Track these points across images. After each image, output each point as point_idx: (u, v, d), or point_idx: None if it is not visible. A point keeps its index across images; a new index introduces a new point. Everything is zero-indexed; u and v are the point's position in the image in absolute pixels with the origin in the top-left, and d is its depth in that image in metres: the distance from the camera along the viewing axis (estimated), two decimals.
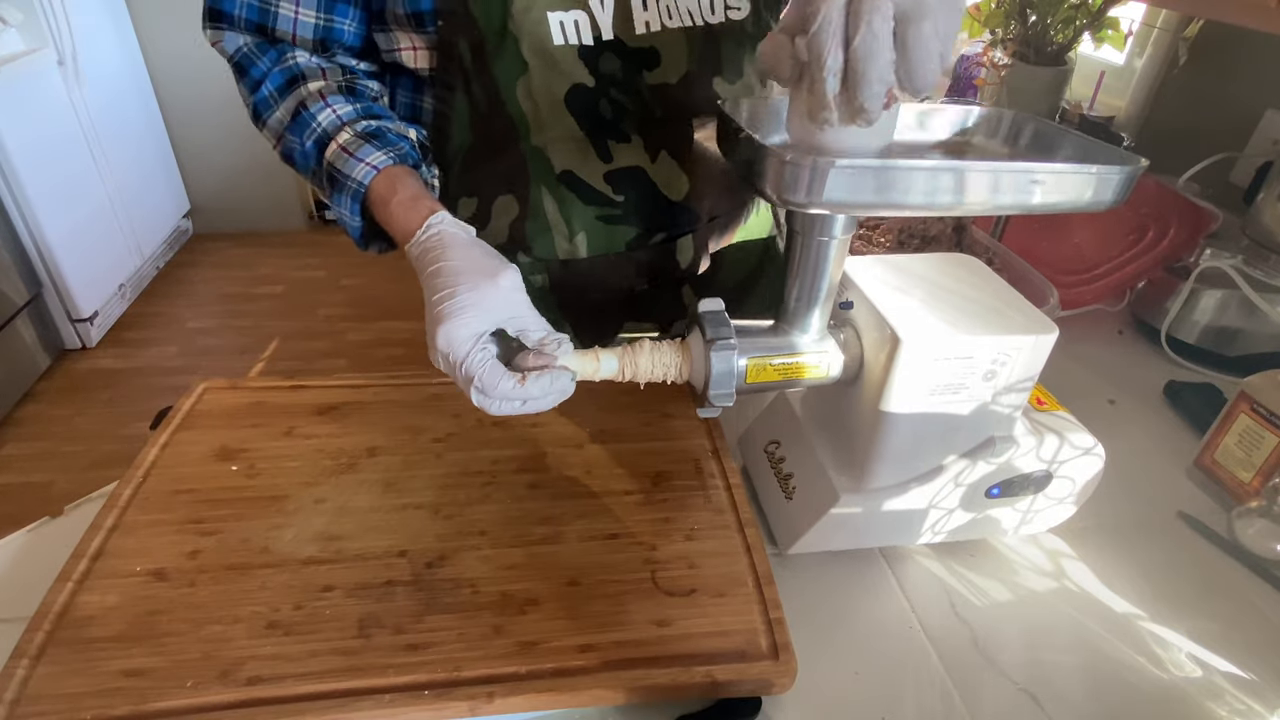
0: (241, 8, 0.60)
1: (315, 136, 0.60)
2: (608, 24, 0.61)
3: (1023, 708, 0.50)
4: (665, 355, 0.52)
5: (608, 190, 0.68)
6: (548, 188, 0.67)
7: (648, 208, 0.69)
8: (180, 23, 2.64)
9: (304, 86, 0.61)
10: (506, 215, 0.68)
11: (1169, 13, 1.25)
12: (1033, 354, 0.51)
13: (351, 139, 0.59)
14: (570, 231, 0.69)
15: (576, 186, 0.67)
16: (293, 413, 0.68)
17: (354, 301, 2.66)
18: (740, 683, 0.48)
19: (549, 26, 0.60)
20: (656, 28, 0.63)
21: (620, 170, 0.67)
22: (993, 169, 0.44)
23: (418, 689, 0.46)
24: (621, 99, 0.64)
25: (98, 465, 1.92)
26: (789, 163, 0.42)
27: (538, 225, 0.68)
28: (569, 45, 0.61)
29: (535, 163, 0.66)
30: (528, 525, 0.58)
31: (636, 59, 0.63)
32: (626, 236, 0.70)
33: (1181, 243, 0.93)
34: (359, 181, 0.57)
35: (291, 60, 0.62)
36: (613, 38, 0.62)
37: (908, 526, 0.58)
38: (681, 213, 0.71)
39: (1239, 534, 0.62)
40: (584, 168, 0.66)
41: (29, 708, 0.44)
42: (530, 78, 0.61)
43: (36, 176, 2.08)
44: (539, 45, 0.60)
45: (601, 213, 0.68)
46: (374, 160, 0.58)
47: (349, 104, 0.61)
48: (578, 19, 0.60)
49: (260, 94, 0.62)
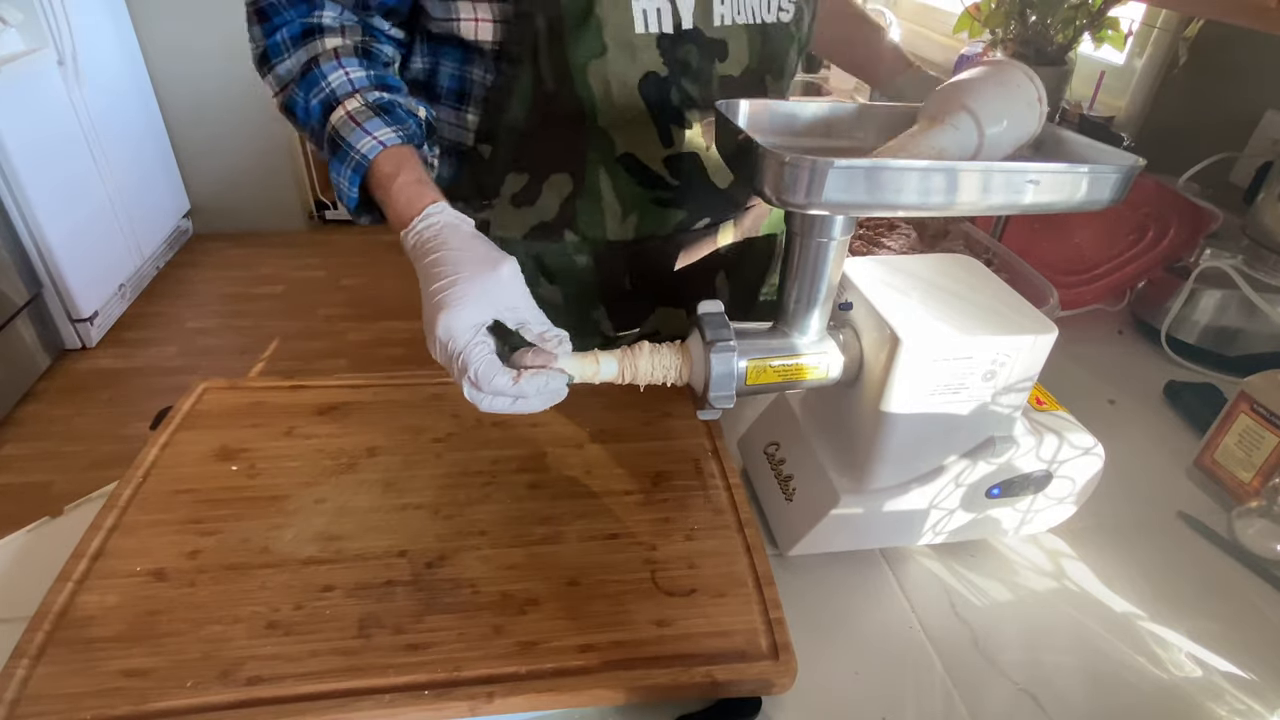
0: None
1: (322, 96, 0.59)
2: (689, 14, 0.63)
3: (1023, 708, 0.50)
4: (665, 357, 0.52)
5: (665, 174, 0.69)
6: (606, 168, 0.68)
7: (699, 193, 0.72)
8: (180, 23, 2.63)
9: (320, 41, 0.60)
10: (559, 193, 0.69)
11: (1169, 13, 1.25)
12: (1032, 354, 0.51)
13: (361, 108, 0.58)
14: (623, 212, 0.70)
15: (635, 169, 0.68)
16: (293, 413, 0.68)
17: (354, 301, 2.66)
18: (740, 683, 0.48)
19: (633, 14, 0.60)
20: (729, 21, 0.65)
21: (679, 155, 0.69)
22: (992, 169, 0.44)
23: (418, 689, 0.46)
24: (691, 89, 0.66)
25: (98, 465, 1.92)
26: (788, 164, 0.42)
27: (590, 204, 0.69)
28: (649, 33, 0.62)
29: (597, 143, 0.67)
30: (528, 525, 0.58)
31: (712, 50, 0.65)
32: (675, 220, 0.72)
33: (1181, 243, 0.93)
34: (363, 154, 0.56)
35: (317, 16, 0.61)
36: (692, 27, 0.63)
37: (908, 527, 0.58)
38: (727, 200, 0.74)
39: (1239, 534, 0.62)
40: (645, 151, 0.68)
41: (29, 708, 0.44)
42: (606, 62, 0.62)
43: (36, 176, 2.07)
44: (620, 31, 0.61)
45: (656, 196, 0.70)
46: (381, 135, 0.57)
47: (362, 69, 0.60)
48: (660, 7, 0.61)
49: (274, 39, 0.61)
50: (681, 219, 0.73)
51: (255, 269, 2.84)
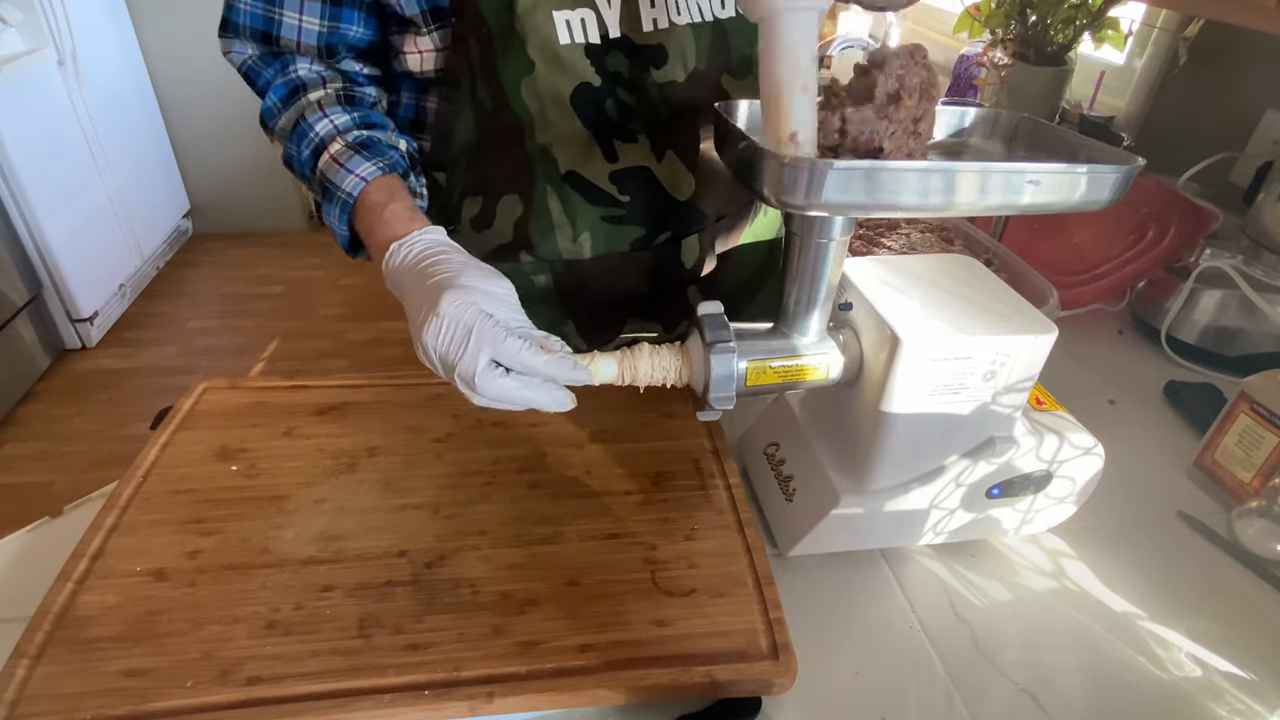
0: (247, 17, 0.60)
1: (312, 146, 0.61)
2: (615, 22, 0.61)
3: (1023, 708, 0.50)
4: (664, 359, 0.51)
5: (613, 190, 0.67)
6: (552, 187, 0.66)
7: (653, 208, 0.69)
8: (180, 23, 2.64)
9: (305, 97, 0.62)
10: (511, 214, 0.68)
11: (1169, 13, 1.25)
12: (1032, 354, 0.51)
13: (342, 149, 0.59)
14: (574, 232, 0.68)
15: (581, 186, 0.67)
16: (293, 413, 0.68)
17: (354, 301, 2.66)
18: (740, 683, 0.48)
19: (555, 26, 0.59)
20: (664, 25, 0.63)
21: (626, 170, 0.67)
22: (991, 170, 0.44)
23: (418, 689, 0.46)
24: (628, 98, 0.64)
25: (98, 465, 1.92)
26: (788, 165, 0.42)
27: (542, 224, 0.68)
28: (575, 44, 0.60)
29: (540, 162, 0.66)
30: (528, 525, 0.58)
31: (644, 57, 0.63)
32: (631, 237, 0.70)
33: (1181, 243, 0.93)
34: (348, 192, 0.58)
35: (294, 72, 0.63)
36: (620, 35, 0.61)
37: (909, 527, 0.58)
38: (688, 212, 0.71)
39: (1239, 534, 0.62)
40: (589, 168, 0.66)
41: (29, 708, 0.44)
42: (536, 77, 0.61)
43: (36, 176, 2.07)
44: (545, 44, 0.60)
45: (606, 213, 0.68)
46: (363, 171, 0.58)
47: (346, 114, 0.61)
48: (584, 17, 0.60)
49: (265, 104, 0.63)
50: (638, 235, 0.70)
51: (255, 269, 2.84)
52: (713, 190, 0.71)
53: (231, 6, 0.61)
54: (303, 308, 2.61)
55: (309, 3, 0.60)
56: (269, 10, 0.60)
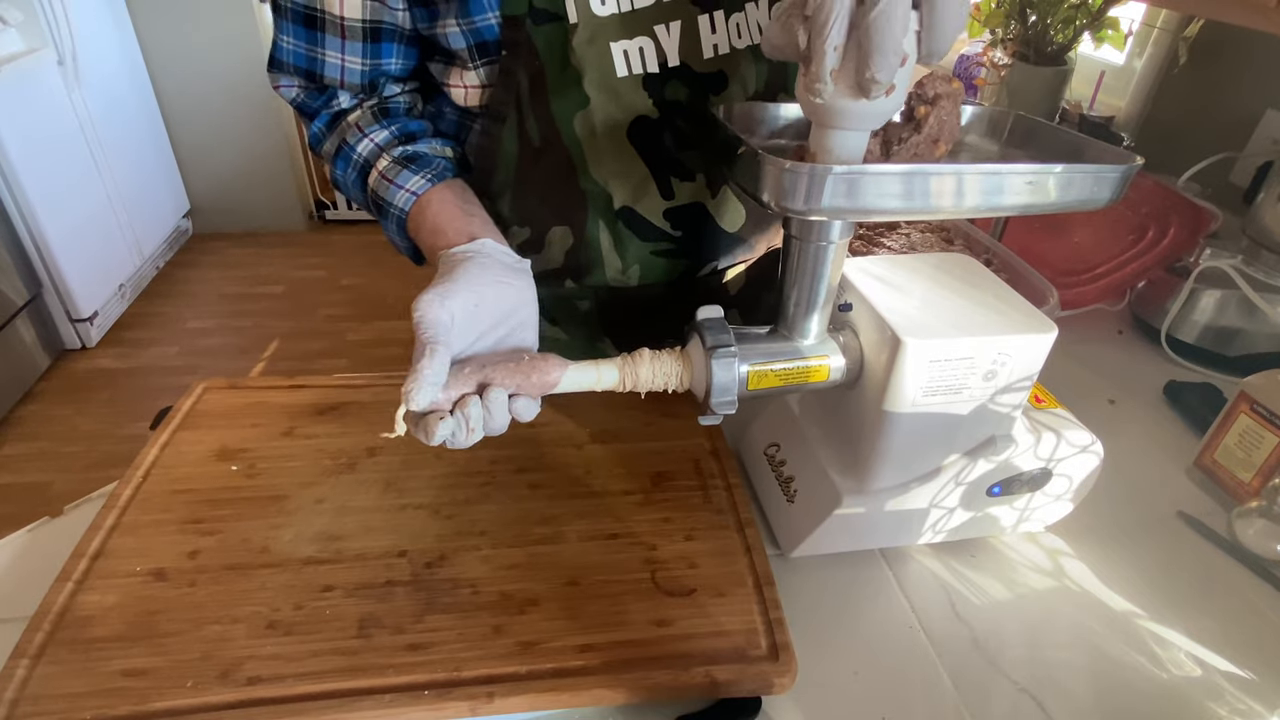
0: (290, 56, 0.60)
1: (358, 168, 0.61)
2: (674, 50, 0.59)
3: (1023, 707, 0.50)
4: (666, 364, 0.51)
5: (666, 226, 0.66)
6: (605, 223, 0.65)
7: (704, 242, 0.69)
8: (180, 23, 2.63)
9: (345, 120, 0.62)
10: (562, 245, 0.67)
11: (1169, 13, 1.25)
12: (1032, 354, 0.51)
13: (390, 165, 0.59)
14: (624, 265, 0.68)
15: (635, 223, 0.66)
16: (293, 413, 0.68)
17: (354, 301, 2.66)
18: (740, 682, 0.48)
19: (613, 58, 0.58)
20: (725, 50, 0.61)
21: (681, 207, 0.66)
22: (990, 171, 0.44)
23: (418, 689, 0.46)
24: (686, 128, 0.62)
25: (98, 465, 1.92)
26: (787, 170, 0.41)
27: (591, 256, 0.67)
28: (634, 75, 0.59)
29: (594, 197, 0.64)
30: (528, 525, 0.58)
31: (703, 84, 0.61)
32: (679, 269, 0.70)
33: (1181, 243, 0.93)
34: (400, 209, 0.58)
35: (336, 105, 0.63)
36: (679, 64, 0.60)
37: (909, 526, 0.58)
38: (736, 244, 0.70)
39: (1239, 534, 0.62)
40: (644, 204, 0.65)
41: (29, 708, 0.45)
42: (591, 111, 0.59)
43: (36, 176, 2.07)
44: (602, 78, 0.58)
45: (657, 248, 0.67)
46: (413, 186, 0.58)
47: (384, 129, 0.61)
48: (643, 46, 0.58)
49: (313, 130, 0.64)
50: (686, 267, 0.70)
51: (255, 269, 2.84)
52: (763, 223, 0.71)
53: (277, 45, 0.61)
54: (303, 308, 2.61)
55: (350, 43, 0.59)
56: (311, 50, 0.59)
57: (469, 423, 0.45)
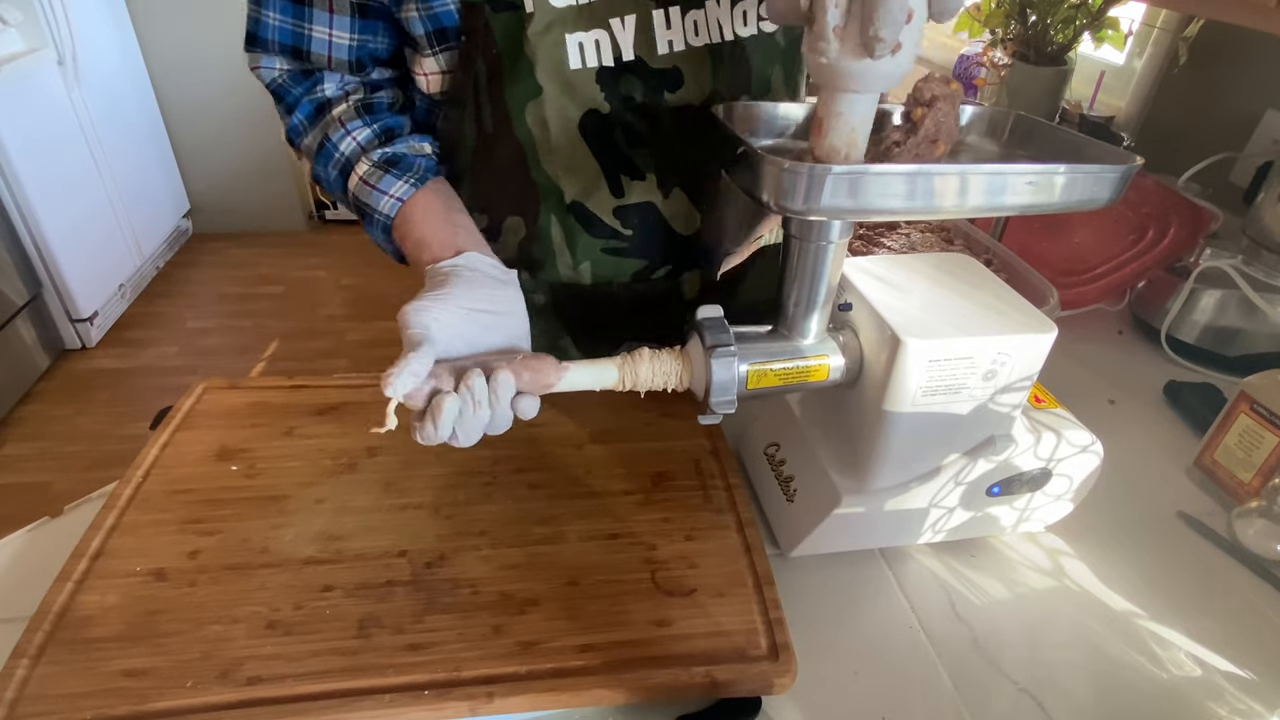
0: (275, 32, 0.59)
1: (340, 166, 0.61)
2: (628, 44, 0.58)
3: (1023, 707, 0.50)
4: (665, 364, 0.51)
5: (616, 224, 0.66)
6: (556, 216, 0.65)
7: (656, 242, 0.68)
8: (180, 23, 2.63)
9: (330, 113, 0.62)
10: (516, 234, 0.68)
11: (1169, 13, 1.25)
12: (1032, 353, 0.51)
13: (370, 170, 0.59)
14: (575, 260, 0.68)
15: (585, 218, 0.66)
16: (293, 413, 0.68)
17: (354, 301, 2.66)
18: (740, 683, 0.48)
19: (567, 49, 0.57)
20: (680, 47, 0.60)
21: (631, 206, 0.65)
22: (990, 171, 0.44)
23: (418, 689, 0.46)
24: (639, 125, 0.62)
25: (98, 465, 1.92)
26: (787, 170, 0.41)
27: (542, 248, 0.67)
28: (587, 68, 0.58)
29: (544, 190, 0.64)
30: (528, 525, 0.58)
31: (658, 80, 0.61)
32: (632, 269, 0.69)
33: (1181, 243, 0.93)
34: (385, 215, 0.59)
35: (321, 92, 0.62)
36: (634, 58, 0.59)
37: (909, 526, 0.58)
38: (691, 247, 0.70)
39: (1239, 534, 0.62)
40: (594, 199, 0.65)
41: (29, 708, 0.44)
42: (543, 103, 0.59)
43: (36, 176, 2.07)
44: (555, 69, 0.58)
45: (608, 245, 0.67)
46: (397, 191, 0.59)
47: (366, 126, 0.61)
48: (598, 38, 0.58)
49: (292, 121, 0.63)
50: (639, 268, 0.69)
51: (255, 269, 2.84)
52: (718, 227, 0.70)
53: (258, 21, 0.59)
54: (303, 308, 2.61)
55: (338, 16, 0.58)
56: (299, 26, 0.59)
57: (474, 395, 0.45)
